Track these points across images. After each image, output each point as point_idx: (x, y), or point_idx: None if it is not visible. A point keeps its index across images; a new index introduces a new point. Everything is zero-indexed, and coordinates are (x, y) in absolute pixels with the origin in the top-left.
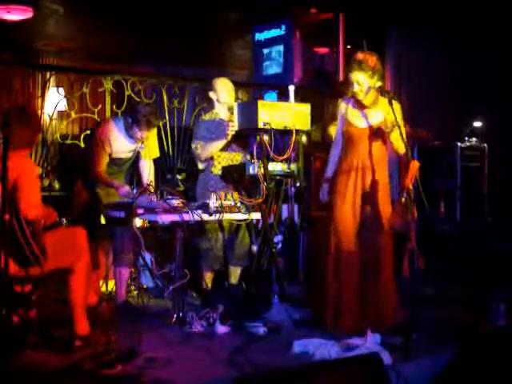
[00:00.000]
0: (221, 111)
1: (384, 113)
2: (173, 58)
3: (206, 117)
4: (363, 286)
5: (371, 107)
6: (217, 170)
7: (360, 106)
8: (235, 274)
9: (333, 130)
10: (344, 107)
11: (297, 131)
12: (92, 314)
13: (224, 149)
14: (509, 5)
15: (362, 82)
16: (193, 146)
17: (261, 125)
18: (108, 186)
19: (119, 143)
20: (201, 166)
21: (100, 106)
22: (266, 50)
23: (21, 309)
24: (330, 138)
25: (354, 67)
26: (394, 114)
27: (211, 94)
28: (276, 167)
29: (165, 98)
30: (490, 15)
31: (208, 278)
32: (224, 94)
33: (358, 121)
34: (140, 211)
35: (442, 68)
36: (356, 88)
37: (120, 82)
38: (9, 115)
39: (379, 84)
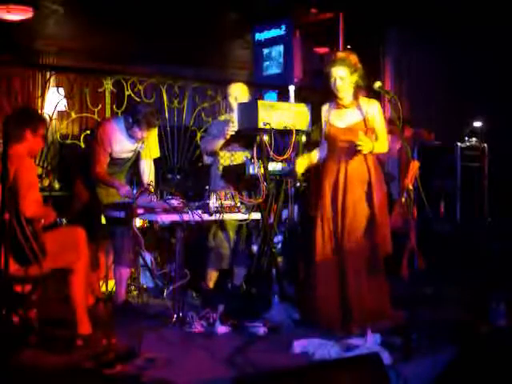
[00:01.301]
0: (232, 114)
1: (364, 112)
2: (173, 58)
3: (222, 118)
4: (347, 285)
5: (349, 107)
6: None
7: (339, 106)
8: (239, 275)
9: (315, 134)
10: (326, 110)
11: (297, 131)
12: (90, 315)
13: (229, 148)
14: (508, 5)
15: (343, 76)
16: (201, 141)
17: (261, 125)
18: (109, 185)
19: (120, 143)
20: (206, 160)
21: (100, 106)
22: (265, 50)
23: (21, 309)
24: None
25: (335, 63)
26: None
27: (231, 100)
28: (276, 167)
29: (165, 98)
30: (489, 15)
31: (212, 277)
32: (233, 101)
33: (338, 121)
34: (140, 211)
35: (442, 68)
36: (338, 83)
37: (120, 82)
38: (9, 115)
39: (378, 84)
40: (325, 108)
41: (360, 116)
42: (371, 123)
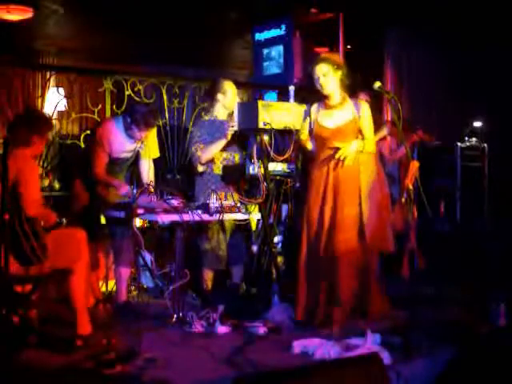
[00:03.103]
0: (220, 113)
1: (353, 112)
2: (173, 58)
3: (206, 117)
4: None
5: (338, 107)
6: (217, 169)
7: (328, 106)
8: (236, 273)
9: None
10: (315, 109)
11: (297, 131)
12: (90, 315)
13: (222, 149)
14: (508, 5)
15: (326, 72)
16: (192, 148)
17: (261, 125)
18: (108, 185)
19: (119, 143)
20: (201, 168)
21: (100, 106)
22: (265, 50)
23: (21, 309)
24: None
25: (317, 61)
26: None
27: (219, 96)
28: (276, 167)
29: (165, 98)
30: (489, 15)
31: (209, 277)
32: (230, 98)
33: (327, 121)
34: (140, 211)
35: (442, 68)
36: (322, 80)
37: (120, 82)
38: (16, 116)
39: (378, 84)
40: (313, 108)
41: (349, 116)
42: (360, 123)
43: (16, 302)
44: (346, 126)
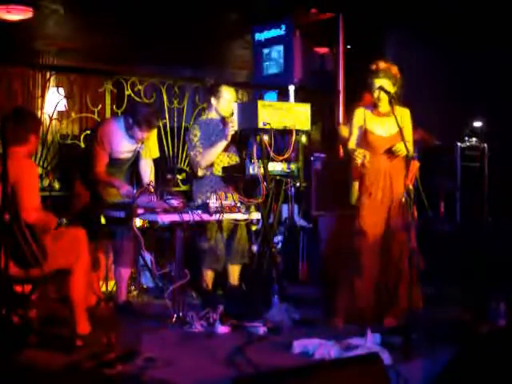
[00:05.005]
0: (214, 115)
1: (399, 121)
2: (173, 59)
3: (202, 118)
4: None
5: (388, 116)
6: (215, 170)
7: (378, 114)
8: (234, 272)
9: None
10: (362, 114)
11: (297, 131)
12: (91, 315)
13: (223, 150)
14: (508, 5)
15: (385, 86)
16: (191, 153)
17: (261, 125)
18: (109, 185)
19: (120, 143)
20: (201, 172)
21: (100, 106)
22: (265, 50)
23: (21, 309)
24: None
25: (378, 74)
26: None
27: (213, 100)
28: (276, 167)
29: (165, 98)
30: (489, 15)
31: (208, 277)
32: (224, 104)
33: (378, 129)
34: (140, 211)
35: (442, 68)
36: (382, 95)
37: (120, 82)
38: (7, 115)
39: (379, 84)
40: (360, 112)
41: (397, 125)
42: (405, 130)
43: (16, 302)
44: (396, 136)
